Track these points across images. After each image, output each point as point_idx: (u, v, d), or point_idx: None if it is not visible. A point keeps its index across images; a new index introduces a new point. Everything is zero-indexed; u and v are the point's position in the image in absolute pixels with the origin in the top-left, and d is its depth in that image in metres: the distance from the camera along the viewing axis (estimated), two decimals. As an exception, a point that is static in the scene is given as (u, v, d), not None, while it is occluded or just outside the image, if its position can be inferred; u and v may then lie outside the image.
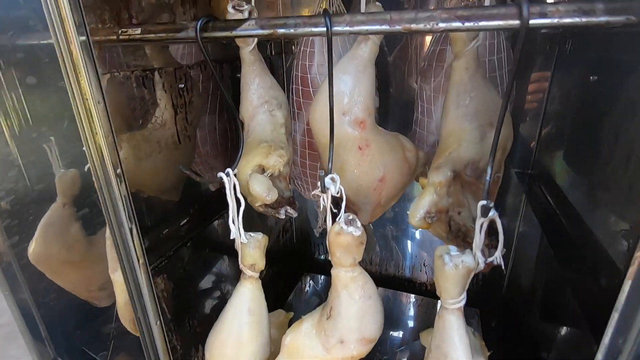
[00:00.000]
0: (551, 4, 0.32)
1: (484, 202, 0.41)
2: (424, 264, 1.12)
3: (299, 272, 1.23)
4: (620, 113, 0.53)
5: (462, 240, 0.55)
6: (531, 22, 0.32)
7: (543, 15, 0.32)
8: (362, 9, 0.52)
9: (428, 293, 1.13)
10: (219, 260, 0.74)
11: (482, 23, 0.34)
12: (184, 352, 0.69)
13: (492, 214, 0.40)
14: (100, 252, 0.72)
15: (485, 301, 0.99)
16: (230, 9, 0.57)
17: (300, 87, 0.75)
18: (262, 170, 0.60)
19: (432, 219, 0.49)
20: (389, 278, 1.16)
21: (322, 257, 1.25)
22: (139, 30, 0.47)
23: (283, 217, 0.65)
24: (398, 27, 0.36)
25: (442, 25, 0.35)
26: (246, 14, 0.57)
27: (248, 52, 0.59)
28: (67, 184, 0.74)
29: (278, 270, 1.12)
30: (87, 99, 0.39)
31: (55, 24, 0.38)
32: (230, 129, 0.84)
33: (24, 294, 0.80)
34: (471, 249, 0.45)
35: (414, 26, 0.35)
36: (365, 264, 1.18)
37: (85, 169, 0.58)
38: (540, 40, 0.76)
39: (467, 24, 0.34)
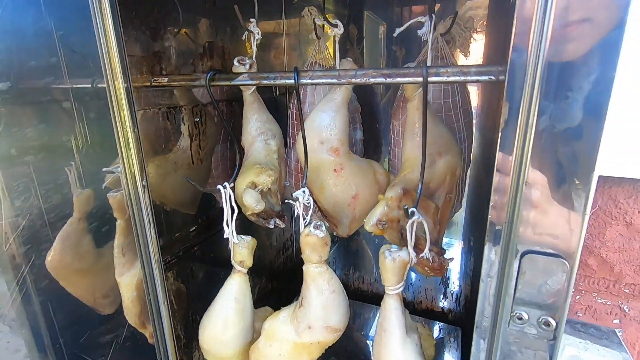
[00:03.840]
0: (443, 66, 0.46)
1: (412, 208, 0.52)
2: (415, 280, 1.20)
3: (297, 288, 1.33)
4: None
5: (414, 247, 0.66)
6: (429, 79, 0.46)
7: (437, 74, 0.45)
8: (337, 64, 0.68)
9: (427, 314, 1.18)
10: (219, 263, 0.87)
11: (398, 79, 0.48)
12: (186, 341, 0.80)
13: (417, 217, 0.52)
14: (106, 263, 0.85)
15: (467, 321, 1.06)
16: (235, 62, 0.74)
17: (295, 122, 0.91)
18: (254, 186, 0.74)
19: (383, 226, 0.60)
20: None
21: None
22: (166, 79, 0.64)
23: (272, 227, 0.78)
24: (343, 81, 0.51)
25: (372, 79, 0.49)
26: (247, 67, 0.74)
27: (248, 94, 0.76)
28: (82, 201, 0.86)
29: (278, 285, 1.23)
30: (126, 131, 0.55)
31: (106, 72, 0.55)
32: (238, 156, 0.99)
33: (34, 304, 0.91)
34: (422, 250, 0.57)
35: (353, 80, 0.50)
36: (358, 282, 1.27)
37: (103, 187, 0.72)
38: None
39: (388, 79, 0.48)
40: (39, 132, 0.67)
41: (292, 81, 0.54)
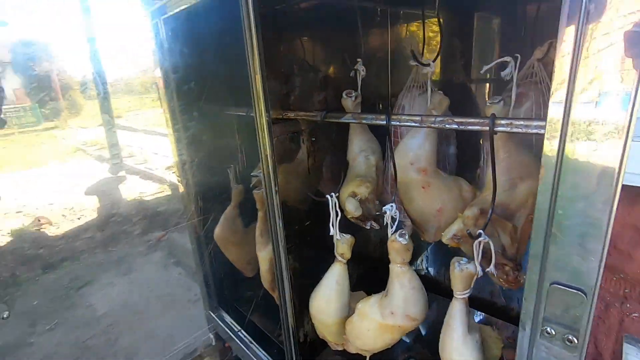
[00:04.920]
0: (508, 118, 0.55)
1: (479, 230, 0.63)
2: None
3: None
4: None
5: (487, 260, 0.74)
6: (495, 129, 0.55)
7: (502, 125, 0.55)
8: (429, 97, 0.79)
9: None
10: (325, 251, 1.09)
11: (469, 127, 0.58)
12: (299, 307, 1.05)
13: (482, 238, 0.62)
14: (250, 239, 1.14)
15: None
16: (344, 95, 0.92)
17: (393, 139, 1.05)
18: (355, 195, 0.92)
19: (459, 240, 0.71)
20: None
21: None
22: (293, 114, 0.86)
23: (369, 227, 0.95)
24: (424, 125, 0.64)
25: (447, 126, 0.61)
26: (353, 98, 0.91)
27: (354, 119, 0.93)
28: (236, 194, 1.18)
29: (374, 273, 1.40)
30: (266, 150, 0.79)
31: (256, 109, 0.79)
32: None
33: (205, 261, 1.28)
34: (489, 266, 0.67)
35: (432, 125, 0.62)
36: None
37: (251, 186, 1.00)
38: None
39: (460, 127, 0.59)
40: (219, 147, 1.00)
41: (384, 122, 0.69)
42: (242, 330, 1.26)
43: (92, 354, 1.21)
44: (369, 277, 1.35)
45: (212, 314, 1.36)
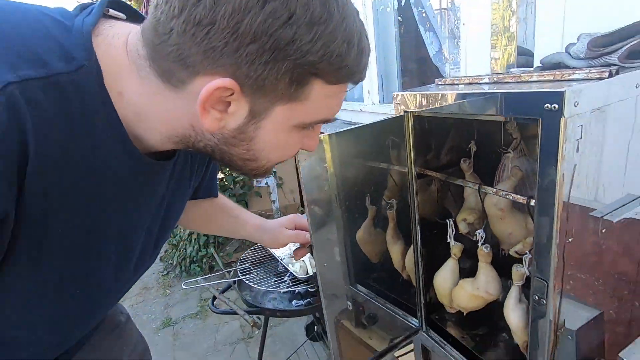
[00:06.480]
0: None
1: (527, 251, 1.20)
2: None
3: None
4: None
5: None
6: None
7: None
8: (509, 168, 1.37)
9: None
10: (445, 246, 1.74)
11: (511, 198, 1.18)
12: (427, 281, 1.75)
13: (528, 255, 1.19)
14: (380, 239, 1.85)
15: None
16: (461, 161, 1.54)
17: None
18: (465, 219, 1.54)
19: (518, 254, 1.29)
20: None
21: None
22: (429, 172, 1.56)
23: (474, 239, 1.57)
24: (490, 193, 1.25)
25: (506, 196, 1.21)
26: (467, 164, 1.53)
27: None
28: (372, 212, 1.85)
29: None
30: (414, 195, 1.52)
31: (409, 168, 1.52)
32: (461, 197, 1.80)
33: (348, 252, 2.08)
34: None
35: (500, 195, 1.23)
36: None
37: (387, 208, 1.73)
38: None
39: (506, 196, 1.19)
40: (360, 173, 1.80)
41: (477, 189, 1.33)
42: (377, 296, 2.00)
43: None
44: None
45: (351, 287, 2.14)
